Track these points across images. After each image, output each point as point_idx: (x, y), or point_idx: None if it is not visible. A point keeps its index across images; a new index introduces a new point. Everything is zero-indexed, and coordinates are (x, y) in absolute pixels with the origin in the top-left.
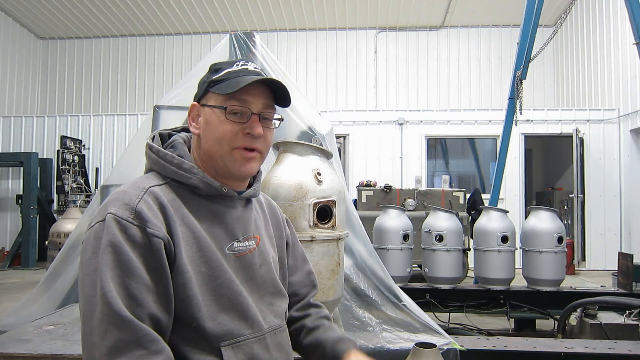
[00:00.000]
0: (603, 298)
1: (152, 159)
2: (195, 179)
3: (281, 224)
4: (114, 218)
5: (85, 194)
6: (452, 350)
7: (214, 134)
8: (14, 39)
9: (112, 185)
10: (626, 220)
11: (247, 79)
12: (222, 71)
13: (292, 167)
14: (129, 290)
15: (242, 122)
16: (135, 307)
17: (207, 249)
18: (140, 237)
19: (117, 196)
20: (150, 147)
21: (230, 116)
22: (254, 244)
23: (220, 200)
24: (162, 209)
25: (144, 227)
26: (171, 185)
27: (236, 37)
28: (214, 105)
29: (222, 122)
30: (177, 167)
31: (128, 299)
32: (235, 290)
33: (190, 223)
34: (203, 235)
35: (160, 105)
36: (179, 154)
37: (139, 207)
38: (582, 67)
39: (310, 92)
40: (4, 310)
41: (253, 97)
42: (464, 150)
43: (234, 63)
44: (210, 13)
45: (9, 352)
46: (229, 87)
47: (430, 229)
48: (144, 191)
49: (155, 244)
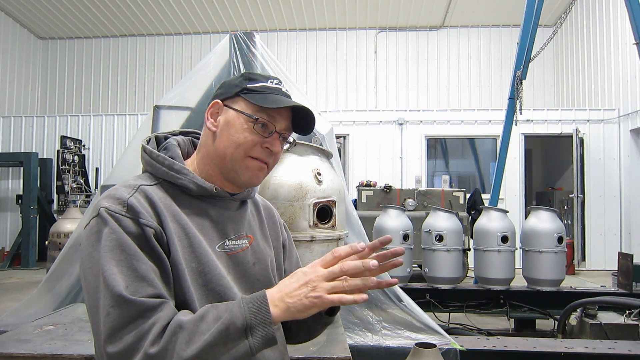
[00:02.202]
0: (603, 298)
1: (145, 160)
2: (186, 180)
3: (278, 226)
4: (107, 211)
5: (85, 194)
6: (452, 350)
7: (234, 137)
8: (14, 39)
9: (112, 185)
10: (626, 220)
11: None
12: (258, 82)
13: (292, 167)
14: (137, 271)
15: (264, 135)
16: (146, 287)
17: (198, 245)
18: (135, 228)
19: (109, 193)
20: (144, 149)
21: (257, 127)
22: (246, 242)
23: (212, 200)
24: (153, 205)
25: (137, 219)
26: (163, 186)
27: (236, 37)
28: (242, 111)
29: (245, 129)
30: (168, 168)
31: (138, 279)
32: (225, 286)
33: (181, 220)
34: (194, 231)
35: (160, 105)
36: (171, 155)
37: (130, 201)
38: (582, 67)
39: (310, 92)
40: (4, 310)
41: (281, 117)
42: (464, 150)
43: (268, 79)
44: (210, 13)
45: (9, 352)
46: (265, 101)
47: (430, 229)
48: (135, 189)
49: (148, 232)
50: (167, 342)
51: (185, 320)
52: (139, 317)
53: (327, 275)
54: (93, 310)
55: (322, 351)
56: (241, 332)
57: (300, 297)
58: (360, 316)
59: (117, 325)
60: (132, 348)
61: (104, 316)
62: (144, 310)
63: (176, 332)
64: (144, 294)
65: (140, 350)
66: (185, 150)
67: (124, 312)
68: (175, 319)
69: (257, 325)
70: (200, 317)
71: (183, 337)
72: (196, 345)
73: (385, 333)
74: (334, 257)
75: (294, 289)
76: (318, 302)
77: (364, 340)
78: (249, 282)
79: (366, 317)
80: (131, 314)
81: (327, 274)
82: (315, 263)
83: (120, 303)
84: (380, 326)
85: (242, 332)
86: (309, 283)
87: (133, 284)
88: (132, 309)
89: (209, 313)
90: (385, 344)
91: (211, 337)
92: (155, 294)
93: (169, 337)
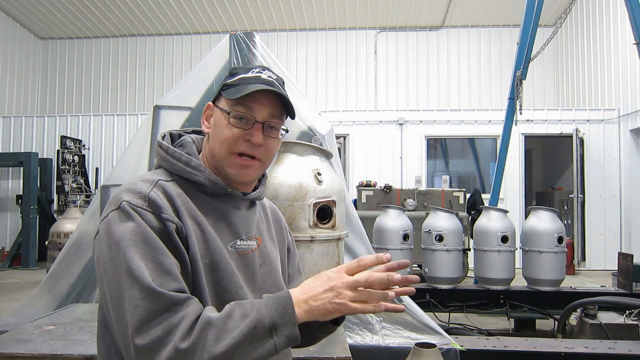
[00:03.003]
0: (603, 298)
1: (161, 156)
2: (202, 177)
3: (284, 230)
4: (129, 205)
5: (85, 194)
6: (452, 350)
7: (218, 135)
8: (14, 39)
9: (112, 185)
10: (626, 220)
11: (251, 87)
12: (236, 76)
13: (292, 167)
14: (163, 265)
15: (245, 128)
16: (171, 281)
17: (212, 242)
18: (157, 223)
19: (128, 187)
20: (160, 145)
21: (233, 121)
22: (255, 244)
23: (225, 199)
24: (171, 200)
25: (159, 214)
26: (178, 182)
27: (236, 37)
28: (221, 108)
29: (225, 125)
30: (184, 164)
31: (163, 274)
32: (237, 284)
33: (197, 217)
34: (209, 229)
35: (160, 105)
36: (187, 152)
37: (151, 195)
38: (582, 67)
39: (310, 92)
40: (4, 310)
41: (260, 106)
42: (464, 150)
43: (250, 69)
44: (210, 13)
45: (9, 352)
46: (236, 92)
47: (430, 229)
48: (154, 183)
49: (170, 227)
50: (197, 338)
51: (214, 317)
52: (167, 310)
53: (352, 283)
54: (115, 302)
55: (322, 351)
56: (267, 331)
57: (324, 302)
58: (360, 316)
59: (145, 318)
60: (160, 342)
61: (132, 308)
62: (172, 304)
63: (205, 328)
64: (169, 287)
65: (169, 345)
66: (199, 149)
67: (152, 305)
68: (203, 315)
69: (282, 325)
70: (228, 314)
71: (212, 333)
72: (225, 342)
73: (385, 333)
74: (359, 265)
75: (318, 292)
76: (342, 308)
77: (364, 340)
78: (256, 283)
79: (366, 317)
80: (160, 307)
81: (352, 283)
82: (340, 269)
83: (150, 296)
84: (380, 326)
85: (269, 331)
86: (334, 289)
87: (158, 278)
88: (161, 302)
89: (235, 311)
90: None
91: (240, 334)
92: (179, 288)
93: (198, 333)
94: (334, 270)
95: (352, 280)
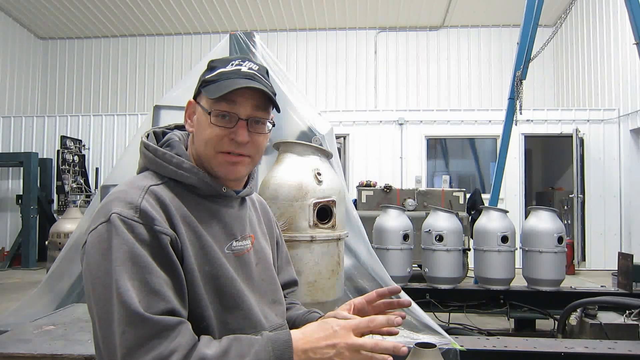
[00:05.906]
0: (603, 298)
1: (149, 158)
2: (195, 179)
3: (272, 223)
4: (119, 218)
5: (85, 194)
6: (452, 350)
7: (202, 135)
8: (14, 39)
9: (112, 185)
10: (626, 220)
11: (231, 83)
12: (215, 70)
13: (292, 167)
14: (150, 285)
15: (229, 126)
16: (159, 301)
17: (209, 248)
18: (148, 236)
19: (117, 196)
20: (146, 146)
21: (215, 120)
22: (249, 243)
23: (217, 199)
24: (164, 208)
25: (151, 226)
26: (169, 185)
27: (236, 37)
28: (202, 106)
29: (208, 124)
30: (176, 167)
31: (150, 294)
32: (238, 289)
33: (192, 222)
34: (204, 234)
35: (160, 105)
36: (177, 152)
37: (142, 205)
38: (582, 67)
39: (310, 92)
40: (4, 310)
41: (243, 99)
42: (464, 150)
43: (229, 62)
44: (210, 13)
45: (9, 352)
46: (216, 90)
47: (430, 229)
48: (144, 190)
49: (164, 240)
50: None
51: (209, 355)
52: (157, 336)
53: (357, 347)
54: (104, 322)
55: None
56: None
57: (323, 357)
58: None
59: (134, 345)
60: None
61: (120, 334)
62: (162, 329)
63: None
64: (157, 309)
65: None
66: (186, 146)
67: (141, 331)
68: (198, 352)
69: None
70: (224, 352)
71: None
72: None
73: None
74: (368, 327)
75: (320, 346)
76: None
77: None
78: (255, 282)
79: None
80: (148, 334)
81: (357, 346)
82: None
83: (137, 322)
84: None
85: None
86: (337, 347)
87: (145, 299)
88: (150, 328)
89: (231, 348)
90: None
91: None
92: (167, 309)
93: None
94: (340, 324)
95: (357, 344)
